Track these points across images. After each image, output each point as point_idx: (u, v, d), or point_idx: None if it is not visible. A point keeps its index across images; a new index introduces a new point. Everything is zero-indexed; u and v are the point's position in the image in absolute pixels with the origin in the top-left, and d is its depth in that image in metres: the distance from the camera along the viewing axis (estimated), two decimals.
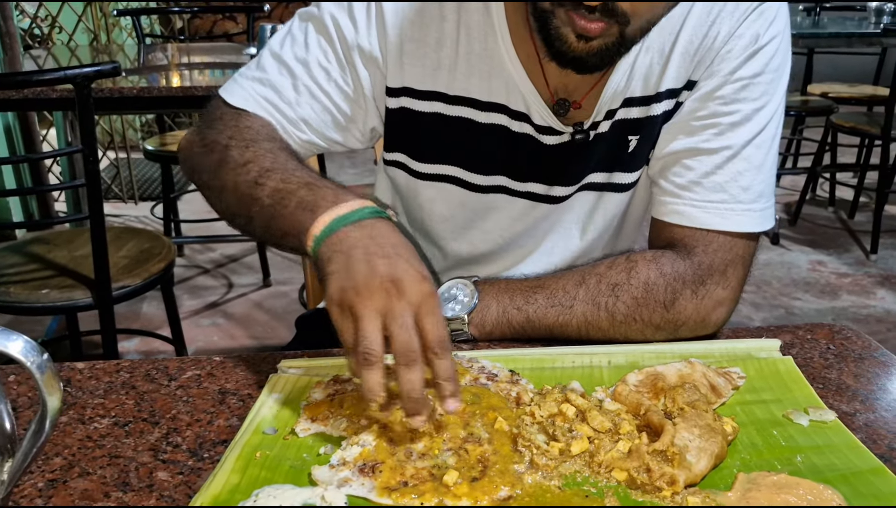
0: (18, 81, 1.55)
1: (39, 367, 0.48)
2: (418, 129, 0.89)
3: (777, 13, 0.82)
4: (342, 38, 0.85)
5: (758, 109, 0.82)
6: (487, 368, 0.75)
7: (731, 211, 0.82)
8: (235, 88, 0.86)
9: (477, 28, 0.83)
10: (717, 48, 0.81)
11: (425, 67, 0.85)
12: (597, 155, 0.88)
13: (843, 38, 3.33)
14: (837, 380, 0.76)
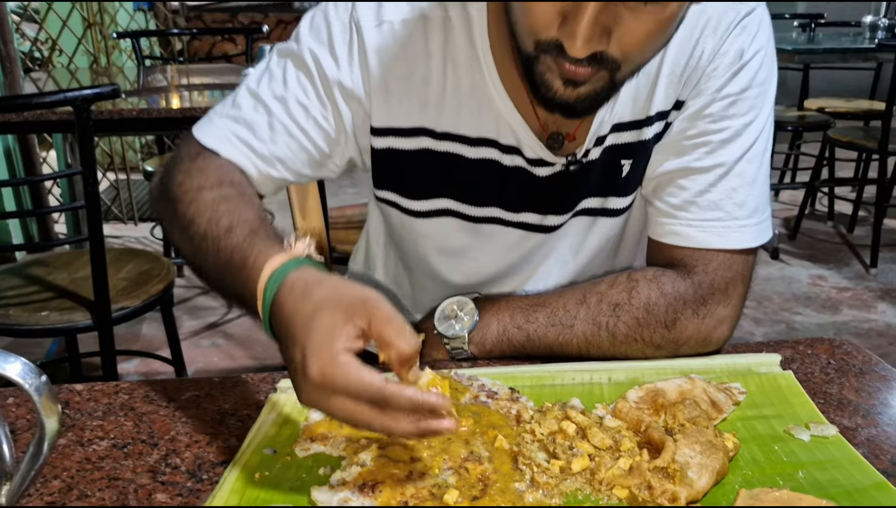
0: (18, 104, 1.56)
1: (37, 389, 0.48)
2: (407, 167, 0.87)
3: (759, 26, 0.82)
4: (322, 74, 0.82)
5: (747, 124, 0.82)
6: (487, 386, 0.75)
7: (727, 229, 0.82)
8: (208, 127, 0.84)
9: (463, 64, 0.82)
10: (702, 67, 0.81)
11: (411, 105, 0.83)
12: (590, 182, 0.88)
13: (838, 54, 3.35)
14: (838, 395, 0.76)
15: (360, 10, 0.81)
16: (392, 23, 0.81)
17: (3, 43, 3.31)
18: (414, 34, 0.81)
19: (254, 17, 5.66)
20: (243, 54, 3.45)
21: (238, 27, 5.35)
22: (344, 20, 0.82)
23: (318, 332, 0.56)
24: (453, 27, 0.81)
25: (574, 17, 0.63)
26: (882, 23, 3.57)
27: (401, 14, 0.81)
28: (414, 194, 0.90)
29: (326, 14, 0.83)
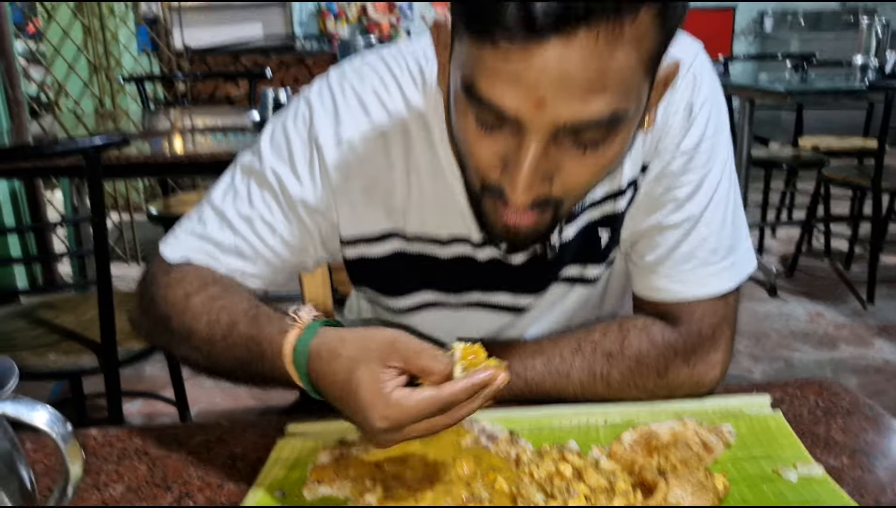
0: (30, 152, 1.61)
1: (63, 437, 0.51)
2: (382, 270, 0.89)
3: (701, 74, 0.82)
4: (286, 192, 0.82)
5: (706, 175, 0.83)
6: (488, 429, 0.78)
7: (704, 277, 0.84)
8: (175, 244, 0.84)
9: (426, 170, 0.83)
10: (659, 128, 0.82)
11: (378, 213, 0.85)
12: (569, 253, 0.90)
13: (829, 95, 3.41)
14: (825, 435, 0.79)
15: (318, 128, 0.82)
16: (351, 140, 0.82)
17: (11, 87, 3.39)
18: (374, 148, 0.82)
19: (256, 59, 5.77)
20: (246, 97, 3.52)
21: (241, 71, 5.45)
22: (304, 137, 0.82)
23: (364, 388, 0.61)
24: (411, 135, 0.82)
25: (514, 166, 0.63)
26: (872, 63, 3.64)
27: (359, 130, 0.82)
28: (393, 291, 0.92)
29: (286, 130, 0.84)
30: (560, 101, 0.58)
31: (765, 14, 6.80)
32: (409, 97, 0.82)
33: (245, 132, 2.59)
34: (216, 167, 2.23)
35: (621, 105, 0.60)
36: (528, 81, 0.58)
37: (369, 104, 0.82)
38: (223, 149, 2.27)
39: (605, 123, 0.61)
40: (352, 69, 0.85)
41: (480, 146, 0.65)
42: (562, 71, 0.57)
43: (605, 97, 0.59)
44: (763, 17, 6.80)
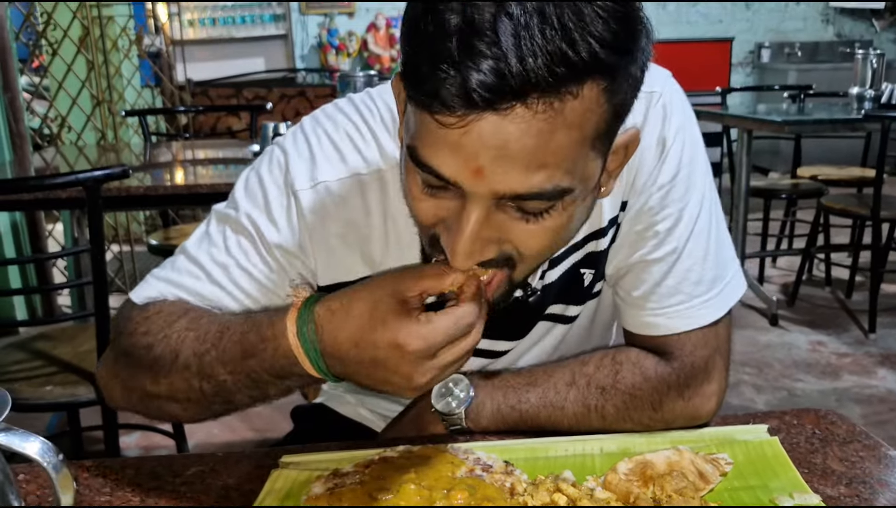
0: (31, 185, 1.62)
1: (55, 467, 0.51)
2: None
3: (670, 105, 0.81)
4: (262, 238, 0.81)
5: (684, 207, 0.82)
6: (483, 459, 0.77)
7: (691, 309, 0.84)
8: (146, 289, 0.83)
9: (402, 217, 0.80)
10: (634, 164, 0.81)
11: (355, 260, 0.84)
12: (551, 296, 0.89)
13: (827, 124, 3.44)
14: (822, 464, 0.78)
15: (293, 173, 0.81)
16: (327, 183, 0.81)
17: (15, 120, 3.42)
18: (350, 193, 0.81)
19: (258, 92, 5.83)
20: (247, 130, 3.55)
21: (243, 104, 5.50)
22: (279, 183, 0.82)
23: (392, 314, 0.62)
24: (387, 182, 0.81)
25: (455, 231, 0.62)
26: (868, 94, 3.67)
27: (335, 174, 0.81)
28: None
29: (261, 177, 0.83)
30: (499, 172, 0.57)
31: (762, 46, 6.87)
32: (384, 145, 0.81)
33: (245, 164, 2.60)
34: (216, 198, 2.25)
35: (564, 180, 0.59)
36: (466, 151, 0.57)
37: (344, 150, 0.81)
38: (223, 180, 2.29)
39: (547, 196, 0.60)
40: (325, 116, 0.84)
41: (424, 207, 0.64)
42: (499, 143, 0.56)
43: (545, 172, 0.58)
44: (760, 48, 6.88)
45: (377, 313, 0.62)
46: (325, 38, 6.40)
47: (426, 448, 0.79)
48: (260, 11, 6.42)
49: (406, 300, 0.63)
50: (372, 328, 0.62)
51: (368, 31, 6.47)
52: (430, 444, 0.80)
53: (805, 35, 6.98)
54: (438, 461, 0.76)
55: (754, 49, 6.93)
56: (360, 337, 0.63)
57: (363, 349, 0.63)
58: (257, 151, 2.64)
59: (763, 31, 6.93)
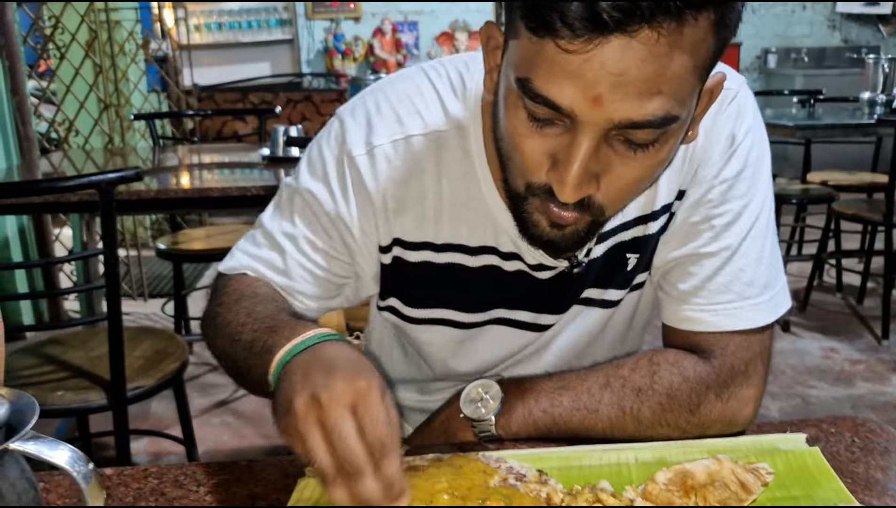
0: (44, 187, 1.61)
1: (85, 477, 0.49)
2: (410, 277, 0.89)
3: (745, 106, 0.83)
4: (321, 210, 0.84)
5: (746, 205, 0.83)
6: (515, 468, 0.75)
7: (740, 310, 0.83)
8: (230, 261, 0.89)
9: (459, 177, 0.83)
10: (699, 156, 0.82)
11: (413, 220, 0.85)
12: (593, 275, 0.89)
13: (838, 129, 3.42)
14: (865, 474, 0.76)
15: (350, 141, 0.83)
16: (382, 145, 0.82)
17: (23, 124, 3.41)
18: (405, 153, 0.83)
19: (264, 96, 5.82)
20: (255, 134, 3.54)
21: (250, 108, 5.49)
22: (335, 153, 0.84)
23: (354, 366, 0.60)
24: (446, 142, 0.82)
25: (564, 162, 0.64)
26: (880, 99, 3.65)
27: (390, 136, 0.82)
28: (414, 302, 0.91)
29: (321, 150, 0.86)
30: (616, 99, 0.59)
31: (768, 51, 6.86)
32: (448, 104, 0.83)
33: (253, 168, 2.59)
34: (224, 203, 2.24)
35: (674, 109, 0.61)
36: (586, 78, 0.58)
37: (402, 113, 0.83)
38: (231, 184, 2.27)
39: (658, 124, 0.61)
40: (389, 83, 0.86)
41: (530, 144, 0.65)
42: (621, 70, 0.58)
43: (660, 99, 0.60)
44: (767, 54, 6.86)
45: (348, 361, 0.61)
46: (332, 42, 6.40)
47: (456, 457, 0.77)
48: (266, 16, 6.42)
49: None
50: (334, 360, 0.62)
51: (374, 36, 6.47)
52: (460, 452, 0.78)
53: (812, 40, 6.97)
54: (470, 469, 0.74)
55: (761, 54, 6.92)
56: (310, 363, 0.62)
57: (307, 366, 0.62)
58: (266, 155, 2.62)
59: (770, 36, 6.92)
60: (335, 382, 0.57)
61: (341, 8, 6.47)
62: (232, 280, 0.87)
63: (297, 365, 0.63)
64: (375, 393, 0.57)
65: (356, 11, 6.49)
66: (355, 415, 0.56)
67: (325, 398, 0.56)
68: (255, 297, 0.82)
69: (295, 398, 0.57)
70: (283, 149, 2.58)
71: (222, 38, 6.38)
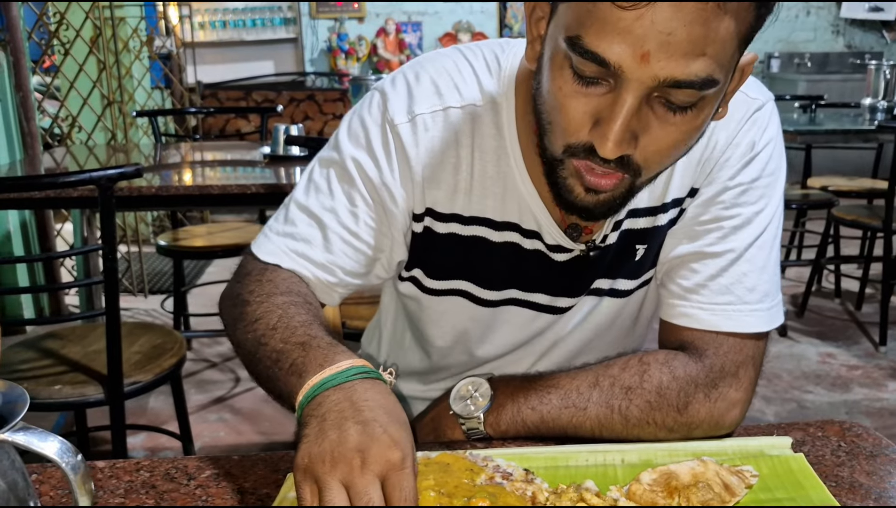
0: (45, 182, 1.62)
1: (74, 468, 0.50)
2: (436, 248, 0.91)
3: (769, 121, 0.86)
4: (365, 177, 0.86)
5: (758, 212, 0.85)
6: (502, 467, 0.76)
7: (738, 312, 0.84)
8: (266, 244, 0.88)
9: (491, 152, 0.86)
10: (716, 157, 0.85)
11: (445, 191, 0.87)
12: (604, 264, 0.91)
13: (839, 135, 3.42)
14: (850, 478, 0.77)
15: (392, 109, 0.85)
16: (423, 115, 0.85)
17: (26, 120, 3.43)
18: (444, 124, 0.85)
19: (267, 95, 5.84)
20: (257, 132, 3.55)
21: (252, 106, 5.50)
22: (378, 121, 0.86)
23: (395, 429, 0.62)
24: (480, 116, 0.85)
25: (608, 119, 0.67)
26: (881, 105, 3.66)
27: (430, 107, 0.85)
28: (436, 273, 0.93)
29: (362, 118, 0.87)
30: (663, 57, 0.62)
31: (772, 56, 6.86)
32: (483, 81, 0.86)
33: (255, 166, 2.60)
34: (225, 200, 2.25)
35: (715, 72, 0.64)
36: (636, 35, 0.61)
37: (441, 85, 0.86)
38: (232, 182, 2.28)
39: (699, 85, 0.64)
40: (427, 58, 0.89)
41: (574, 103, 0.68)
42: (670, 29, 0.61)
43: (703, 60, 0.63)
44: (770, 59, 6.86)
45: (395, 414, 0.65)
46: (335, 42, 6.41)
47: (444, 455, 0.78)
48: (270, 15, 6.43)
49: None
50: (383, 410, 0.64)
51: (378, 36, 6.47)
52: (448, 451, 0.79)
53: (815, 46, 6.97)
54: (457, 467, 0.75)
55: (764, 59, 6.91)
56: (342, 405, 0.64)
57: (338, 408, 0.64)
58: (268, 153, 2.63)
59: (773, 41, 6.92)
60: (372, 447, 0.59)
61: (345, 8, 6.48)
62: (267, 270, 0.86)
63: (330, 406, 0.64)
64: (409, 469, 0.60)
65: (360, 11, 6.50)
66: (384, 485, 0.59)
67: (357, 461, 0.59)
68: (288, 295, 0.82)
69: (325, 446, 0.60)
70: (284, 148, 2.59)
71: (226, 37, 6.39)
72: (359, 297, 2.16)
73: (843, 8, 6.76)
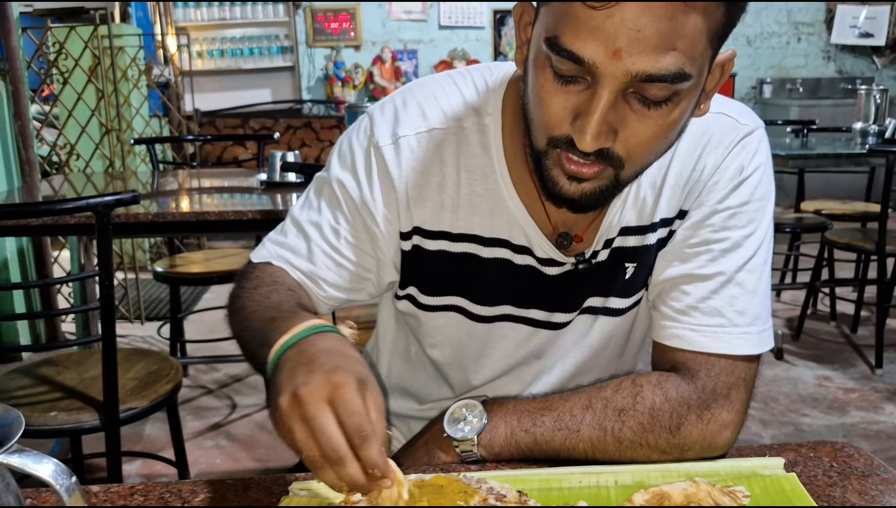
0: (42, 209, 1.63)
1: (68, 490, 0.50)
2: (427, 266, 0.93)
3: (759, 145, 0.88)
4: (348, 198, 0.90)
5: (747, 236, 0.86)
6: (496, 489, 0.76)
7: (728, 335, 0.85)
8: (261, 250, 0.94)
9: (477, 170, 0.89)
10: (704, 180, 0.87)
11: (431, 209, 0.90)
12: (595, 281, 0.93)
13: (831, 159, 3.45)
14: (842, 497, 0.77)
15: (377, 133, 0.89)
16: (407, 137, 0.89)
17: (25, 148, 3.44)
18: (428, 145, 0.89)
19: (264, 122, 5.87)
20: (254, 159, 3.57)
21: (249, 133, 5.54)
22: (364, 145, 0.90)
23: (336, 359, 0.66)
24: (466, 136, 0.88)
25: (585, 114, 0.70)
26: (872, 129, 3.69)
27: (415, 129, 0.89)
28: (430, 290, 0.95)
29: (350, 141, 0.92)
30: (634, 52, 0.66)
31: (764, 82, 6.93)
32: (469, 102, 0.89)
33: (251, 193, 2.61)
34: (221, 226, 2.26)
35: (686, 66, 0.67)
36: (607, 32, 0.65)
37: (427, 108, 0.90)
38: (230, 208, 2.29)
39: (671, 78, 0.67)
40: (417, 84, 0.93)
41: (555, 100, 0.72)
42: (640, 25, 0.64)
43: (674, 55, 0.66)
44: (762, 84, 6.93)
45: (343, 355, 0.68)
46: (332, 70, 6.47)
47: (438, 478, 0.78)
48: (268, 44, 6.50)
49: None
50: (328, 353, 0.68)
51: (374, 64, 6.54)
52: (442, 473, 0.79)
53: (806, 71, 7.05)
54: (451, 490, 0.75)
55: (756, 85, 6.98)
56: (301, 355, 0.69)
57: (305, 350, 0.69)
58: (264, 180, 2.65)
59: (765, 67, 7.00)
60: (313, 378, 0.64)
61: (342, 36, 6.55)
62: (257, 268, 0.92)
63: (285, 361, 0.69)
64: (350, 386, 0.63)
65: (356, 40, 6.57)
66: (333, 407, 0.62)
67: (304, 393, 0.63)
68: (272, 285, 0.88)
69: (279, 396, 0.64)
70: (280, 174, 2.60)
71: (224, 65, 6.45)
72: (355, 321, 2.17)
73: (833, 34, 6.85)
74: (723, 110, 0.88)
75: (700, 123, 0.83)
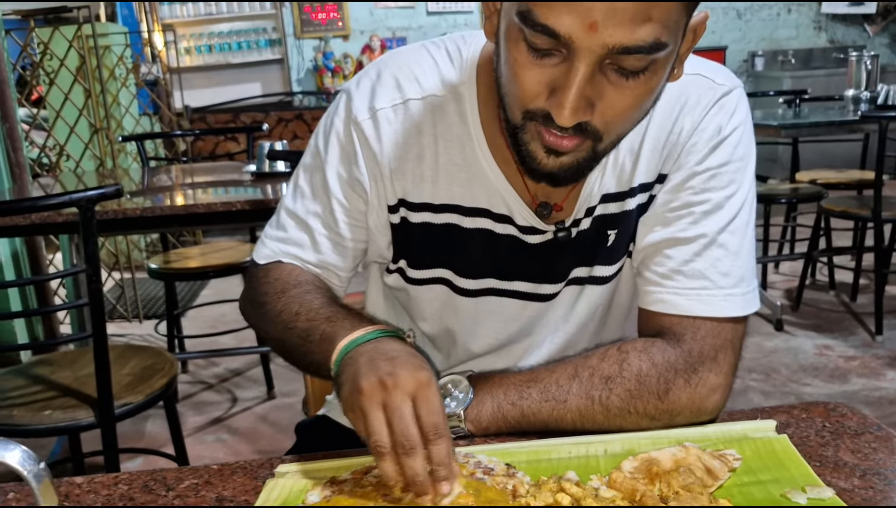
0: (24, 206, 1.61)
1: (36, 476, 0.49)
2: (414, 238, 0.93)
3: (737, 105, 0.86)
4: (337, 177, 0.91)
5: (728, 197, 0.85)
6: (483, 463, 0.75)
7: (713, 297, 0.84)
8: (263, 249, 0.95)
9: (455, 139, 0.88)
10: (682, 142, 0.85)
11: (412, 181, 0.90)
12: (578, 250, 0.92)
13: (824, 127, 3.43)
14: (834, 457, 0.76)
15: (355, 109, 0.89)
16: (384, 109, 0.88)
17: (13, 151, 3.42)
18: (405, 116, 0.88)
19: (255, 116, 5.85)
20: (244, 152, 3.55)
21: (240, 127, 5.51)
22: (343, 121, 0.90)
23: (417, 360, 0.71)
24: (442, 106, 0.88)
25: (562, 88, 0.69)
26: (864, 95, 3.67)
27: (391, 101, 0.88)
28: (417, 263, 0.95)
29: (331, 120, 0.92)
30: (610, 25, 0.64)
31: (755, 54, 6.89)
32: (444, 72, 0.88)
33: (240, 186, 2.60)
34: (211, 218, 2.25)
35: (663, 35, 0.66)
36: (583, 6, 0.64)
37: (402, 80, 0.89)
38: (220, 200, 2.27)
39: (648, 49, 0.66)
40: (390, 55, 0.92)
41: (529, 74, 0.70)
42: None
43: (650, 25, 0.65)
44: (754, 57, 6.90)
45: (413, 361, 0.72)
46: (321, 61, 6.43)
47: None
48: (255, 37, 6.45)
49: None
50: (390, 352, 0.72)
51: (363, 53, 6.50)
52: None
53: (798, 42, 7.01)
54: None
55: (748, 58, 6.95)
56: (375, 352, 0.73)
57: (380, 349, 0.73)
58: (254, 171, 2.63)
59: (756, 39, 6.96)
60: (400, 371, 0.68)
61: (330, 26, 6.50)
62: (271, 270, 0.92)
63: (361, 353, 0.72)
64: (434, 386, 0.68)
65: (344, 29, 6.53)
66: (415, 402, 0.67)
67: (390, 382, 0.67)
68: (299, 286, 0.89)
69: (362, 379, 0.68)
70: (269, 164, 2.59)
71: (212, 60, 6.41)
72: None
73: (824, 4, 6.80)
74: (699, 71, 0.86)
75: (676, 85, 0.81)
